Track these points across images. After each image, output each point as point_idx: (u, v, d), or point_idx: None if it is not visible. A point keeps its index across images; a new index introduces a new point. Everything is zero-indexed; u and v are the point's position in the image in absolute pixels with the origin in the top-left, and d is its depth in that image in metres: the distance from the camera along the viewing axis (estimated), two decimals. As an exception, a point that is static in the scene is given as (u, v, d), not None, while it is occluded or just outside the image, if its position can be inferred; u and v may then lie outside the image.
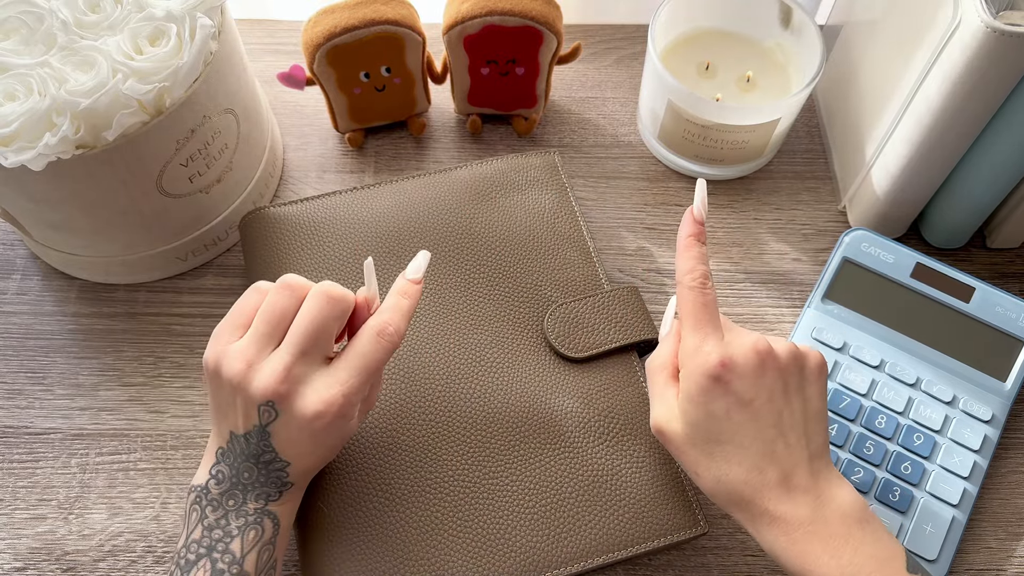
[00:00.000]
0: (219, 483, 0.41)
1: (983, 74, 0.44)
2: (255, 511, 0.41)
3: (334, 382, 0.40)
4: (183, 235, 0.54)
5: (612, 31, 0.69)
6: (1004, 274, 0.58)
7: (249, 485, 0.41)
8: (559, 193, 0.56)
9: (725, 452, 0.40)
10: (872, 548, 0.39)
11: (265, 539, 0.41)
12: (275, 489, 0.41)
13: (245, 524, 0.40)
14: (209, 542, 0.40)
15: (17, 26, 0.46)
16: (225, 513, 0.40)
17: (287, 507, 0.42)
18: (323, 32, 0.54)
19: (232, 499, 0.41)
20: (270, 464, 0.41)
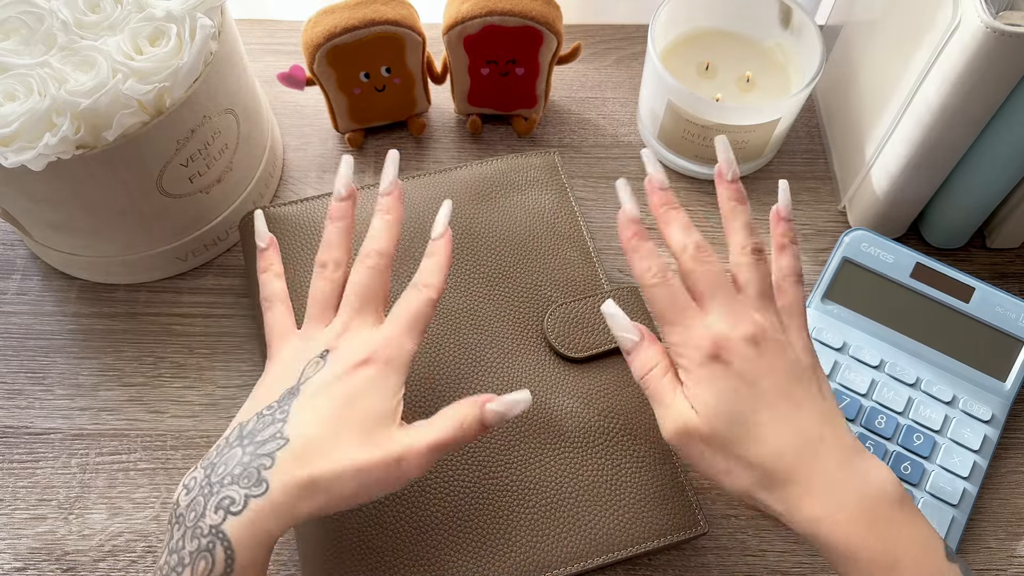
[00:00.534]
0: (188, 492, 0.37)
1: (983, 74, 0.44)
2: (209, 531, 0.35)
3: (378, 332, 0.41)
4: (183, 235, 0.54)
5: (612, 31, 0.69)
6: (1004, 274, 0.58)
7: (216, 484, 0.36)
8: (559, 193, 0.56)
9: (752, 431, 0.38)
10: (912, 530, 0.37)
11: (216, 573, 0.35)
12: (244, 488, 0.36)
13: (197, 550, 0.35)
14: (167, 569, 0.35)
15: (17, 26, 0.46)
16: (184, 532, 0.36)
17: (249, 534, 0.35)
18: (323, 32, 0.54)
19: (193, 510, 0.36)
20: (262, 444, 0.37)
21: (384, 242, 0.43)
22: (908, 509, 0.38)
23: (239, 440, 0.38)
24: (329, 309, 0.43)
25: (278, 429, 0.38)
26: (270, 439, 0.37)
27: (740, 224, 0.43)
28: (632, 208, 0.43)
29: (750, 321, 0.40)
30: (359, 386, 0.39)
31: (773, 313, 0.41)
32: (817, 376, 0.41)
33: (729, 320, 0.40)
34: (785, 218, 0.44)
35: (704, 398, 0.39)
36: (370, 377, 0.39)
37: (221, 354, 0.54)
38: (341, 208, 0.44)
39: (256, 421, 0.39)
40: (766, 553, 0.49)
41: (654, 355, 0.41)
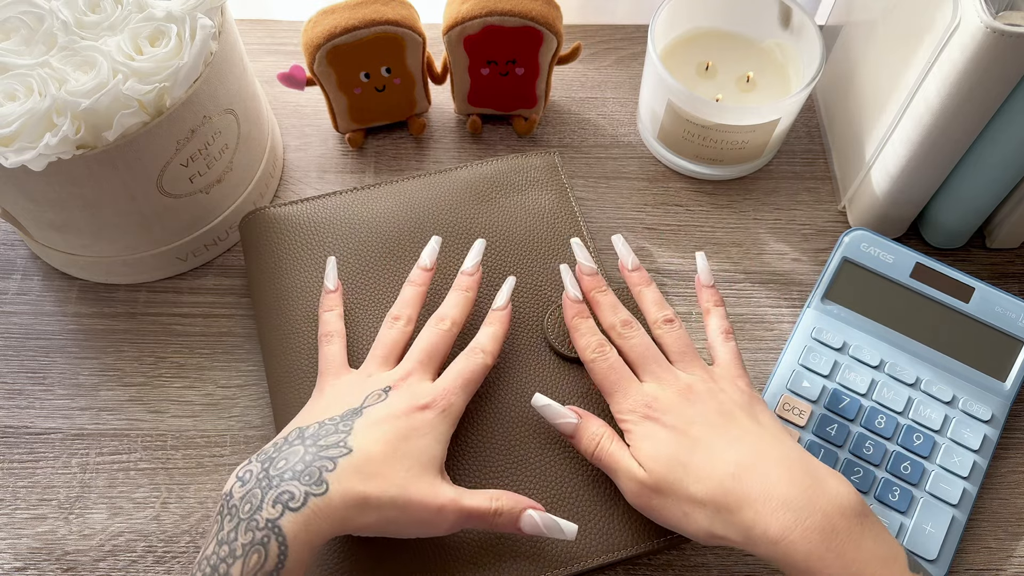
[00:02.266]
0: (243, 484, 0.38)
1: (983, 74, 0.44)
2: (265, 524, 0.36)
3: (438, 384, 0.44)
4: (183, 235, 0.54)
5: (612, 31, 0.69)
6: (1004, 274, 0.58)
7: (276, 478, 0.37)
8: (559, 193, 0.56)
9: (693, 470, 0.40)
10: (873, 544, 0.37)
11: (267, 569, 0.35)
12: (304, 486, 0.37)
13: (251, 543, 0.36)
14: (216, 560, 0.36)
15: (17, 26, 0.46)
16: (237, 524, 0.36)
17: (304, 533, 0.36)
18: (323, 32, 0.54)
19: (249, 502, 0.36)
20: (326, 448, 0.38)
21: (458, 313, 0.47)
22: (869, 522, 0.38)
23: (300, 439, 0.40)
24: (393, 357, 0.46)
25: (342, 439, 0.40)
26: (333, 445, 0.39)
27: (650, 301, 0.48)
28: (574, 291, 0.48)
29: (675, 380, 0.44)
30: (417, 426, 0.41)
31: (698, 367, 0.45)
32: (754, 409, 0.43)
33: (659, 382, 0.44)
34: (707, 285, 0.49)
35: (645, 452, 0.42)
36: (428, 420, 0.42)
37: (221, 354, 0.54)
38: (423, 277, 0.49)
39: (318, 427, 0.41)
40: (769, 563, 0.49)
41: (597, 428, 0.44)
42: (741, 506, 0.39)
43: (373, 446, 0.40)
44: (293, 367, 0.49)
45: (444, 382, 0.44)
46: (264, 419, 0.52)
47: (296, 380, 0.49)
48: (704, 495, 0.40)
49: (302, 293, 0.51)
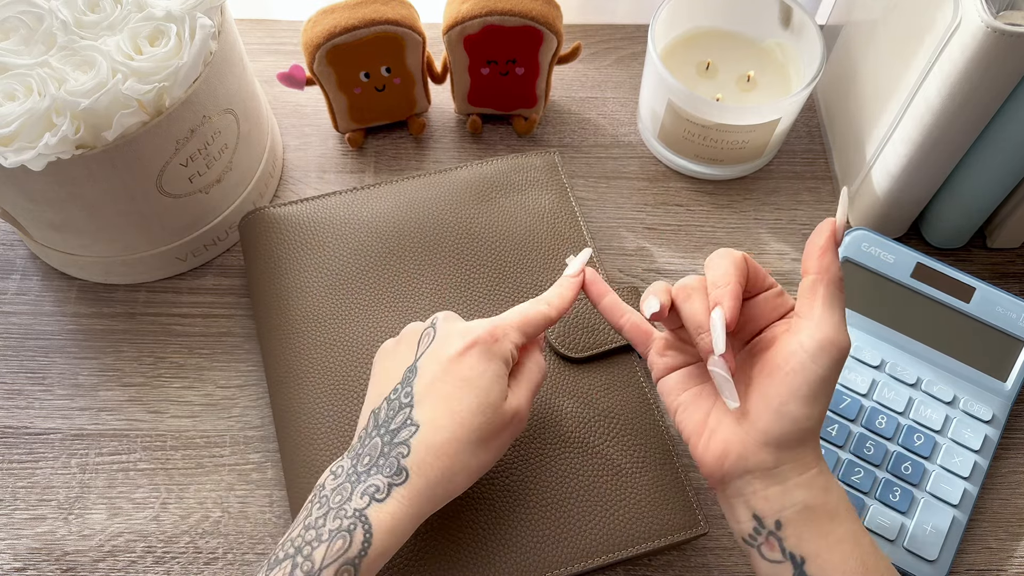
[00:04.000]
0: (336, 477, 0.39)
1: (983, 74, 0.44)
2: (353, 513, 0.37)
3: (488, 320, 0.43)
4: (183, 235, 0.54)
5: (612, 31, 0.69)
6: (1004, 274, 0.58)
7: (364, 473, 0.38)
8: (559, 193, 0.56)
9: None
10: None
11: (350, 555, 0.36)
12: (387, 478, 0.38)
13: (338, 529, 0.37)
14: (301, 542, 0.37)
15: (17, 26, 0.46)
16: (327, 512, 0.37)
17: (390, 520, 0.37)
18: (323, 32, 0.54)
19: (340, 494, 0.38)
20: (397, 432, 0.39)
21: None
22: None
23: (376, 429, 0.40)
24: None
25: (407, 415, 0.40)
26: (402, 426, 0.39)
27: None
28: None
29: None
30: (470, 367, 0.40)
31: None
32: None
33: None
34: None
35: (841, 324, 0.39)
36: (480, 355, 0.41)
37: (221, 354, 0.54)
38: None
39: (386, 408, 0.41)
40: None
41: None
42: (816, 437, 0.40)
43: (436, 411, 0.39)
44: (293, 367, 0.49)
45: (498, 318, 0.43)
46: (264, 419, 0.52)
47: (296, 380, 0.49)
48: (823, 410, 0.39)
49: (302, 293, 0.51)
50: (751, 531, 0.39)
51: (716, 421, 0.41)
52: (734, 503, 0.40)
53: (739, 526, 0.40)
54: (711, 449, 0.40)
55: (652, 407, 0.49)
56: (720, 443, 0.40)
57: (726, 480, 0.40)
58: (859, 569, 0.37)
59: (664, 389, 0.44)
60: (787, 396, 0.38)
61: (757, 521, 0.39)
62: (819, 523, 0.38)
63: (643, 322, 0.46)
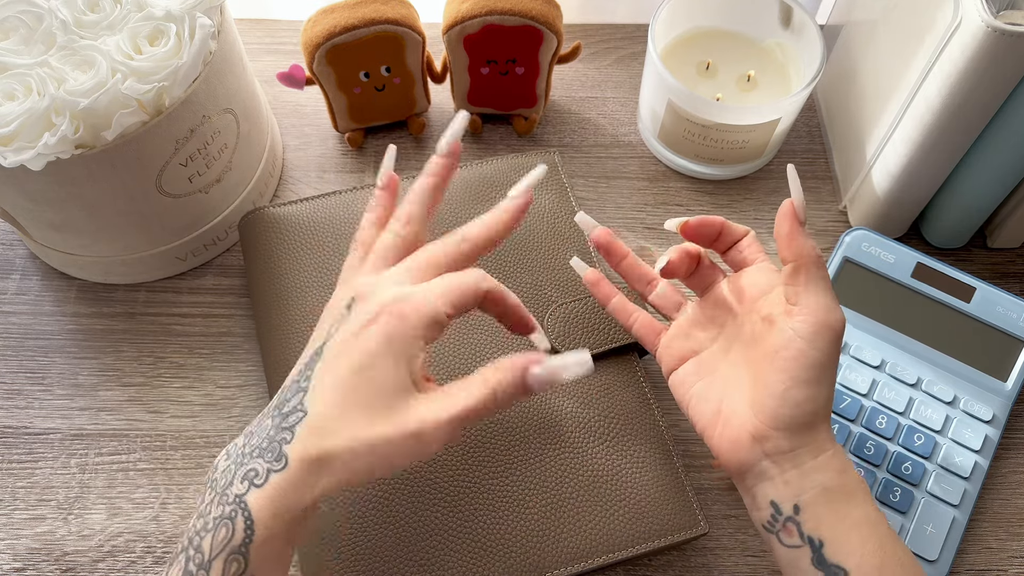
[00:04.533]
0: (227, 458, 0.37)
1: (983, 74, 0.44)
2: (234, 499, 0.35)
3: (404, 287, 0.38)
4: (183, 235, 0.54)
5: (612, 31, 0.69)
6: (1005, 274, 0.58)
7: (248, 454, 0.36)
8: (559, 193, 0.56)
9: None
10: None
11: (235, 544, 0.34)
12: (266, 461, 0.35)
13: (221, 516, 0.35)
14: (192, 532, 0.35)
15: (16, 26, 0.45)
16: (214, 497, 0.36)
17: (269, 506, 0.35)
18: (323, 32, 0.54)
19: (225, 477, 0.36)
20: (287, 416, 0.36)
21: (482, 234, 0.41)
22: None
23: (274, 409, 0.38)
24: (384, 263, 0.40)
25: (300, 400, 0.37)
26: (293, 411, 0.37)
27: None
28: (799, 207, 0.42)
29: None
30: (372, 348, 0.36)
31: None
32: None
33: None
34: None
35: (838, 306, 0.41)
36: (380, 336, 0.36)
37: (221, 354, 0.54)
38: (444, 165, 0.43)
39: (288, 389, 0.38)
40: (767, 553, 0.49)
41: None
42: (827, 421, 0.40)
43: (327, 399, 0.36)
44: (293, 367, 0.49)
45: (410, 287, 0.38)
46: (263, 419, 0.52)
47: (295, 380, 0.49)
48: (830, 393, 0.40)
49: (302, 293, 0.51)
50: (769, 518, 0.39)
51: (729, 411, 0.41)
52: (754, 491, 0.40)
53: (758, 513, 0.40)
54: (726, 437, 0.41)
55: (652, 407, 0.49)
56: (734, 431, 0.40)
57: (744, 468, 0.40)
58: (877, 551, 0.37)
59: (675, 382, 0.45)
60: (790, 382, 0.39)
61: (775, 507, 0.39)
62: (836, 505, 0.38)
63: (652, 320, 0.47)
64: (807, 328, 0.39)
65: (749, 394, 0.41)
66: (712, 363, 0.44)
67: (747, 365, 0.42)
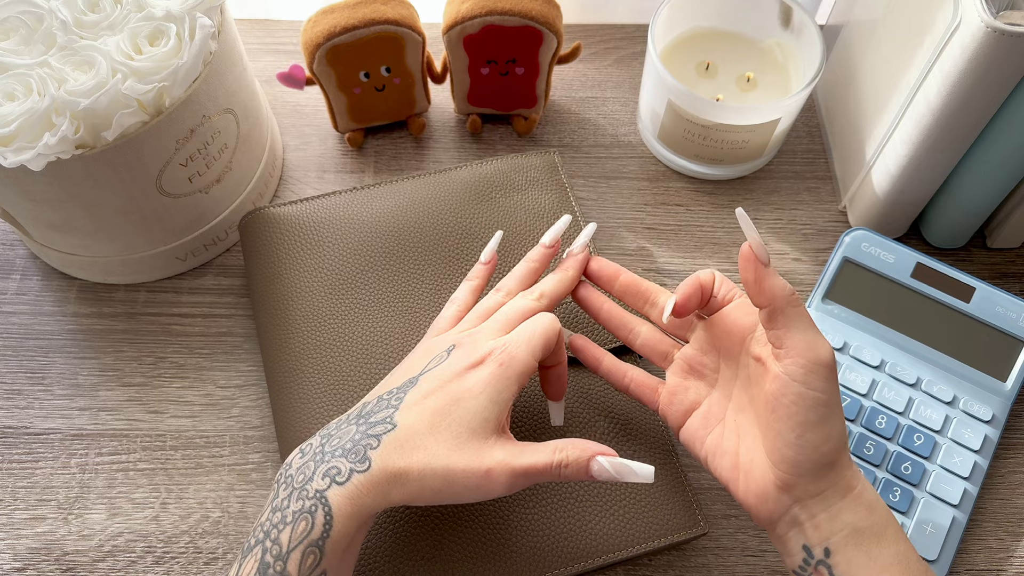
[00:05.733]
0: (302, 456, 0.39)
1: (983, 74, 0.44)
2: (314, 494, 0.37)
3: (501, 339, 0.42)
4: (183, 235, 0.54)
5: (612, 31, 0.69)
6: (1004, 274, 0.58)
7: (329, 453, 0.38)
8: (559, 193, 0.56)
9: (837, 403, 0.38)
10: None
11: (313, 537, 0.36)
12: (350, 462, 0.37)
13: (300, 510, 0.36)
14: (268, 526, 0.37)
15: (17, 26, 0.46)
16: (291, 492, 0.37)
17: (349, 505, 0.37)
18: (323, 32, 0.54)
19: (303, 473, 0.38)
20: (374, 425, 0.39)
21: (551, 289, 0.45)
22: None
23: (357, 418, 0.40)
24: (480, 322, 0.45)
25: (390, 415, 0.39)
26: (381, 422, 0.39)
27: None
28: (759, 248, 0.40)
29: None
30: (469, 387, 0.40)
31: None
32: None
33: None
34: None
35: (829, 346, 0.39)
36: (482, 379, 0.40)
37: (221, 354, 0.54)
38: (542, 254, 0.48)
39: (376, 403, 0.41)
40: (766, 553, 0.49)
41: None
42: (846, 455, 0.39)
43: (417, 419, 0.39)
44: (293, 367, 0.49)
45: (507, 336, 0.42)
46: (264, 419, 0.52)
47: (296, 380, 0.49)
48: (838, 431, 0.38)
49: (302, 293, 0.51)
50: (801, 562, 0.39)
51: (748, 462, 0.40)
52: (785, 538, 0.39)
53: (790, 559, 0.40)
54: (751, 491, 0.40)
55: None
56: (759, 484, 0.39)
57: (774, 519, 0.39)
58: None
59: (686, 439, 0.43)
60: (800, 428, 0.38)
61: (806, 551, 0.38)
62: (867, 546, 0.37)
63: (648, 377, 0.46)
64: (799, 370, 0.37)
65: (762, 442, 0.40)
66: (717, 412, 0.43)
67: (752, 408, 0.41)
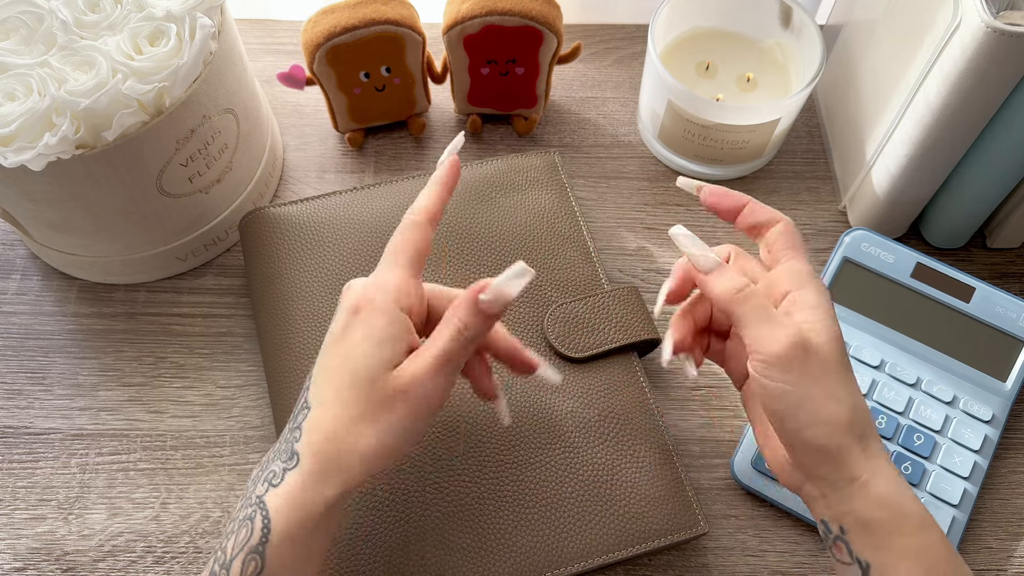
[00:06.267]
0: (258, 466, 0.38)
1: (983, 74, 0.44)
2: (255, 500, 0.36)
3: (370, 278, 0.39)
4: (183, 235, 0.54)
5: (612, 31, 0.69)
6: (1004, 274, 0.58)
7: (271, 459, 0.37)
8: (559, 193, 0.56)
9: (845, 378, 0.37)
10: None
11: (252, 543, 0.35)
12: (282, 461, 0.36)
13: (243, 518, 0.36)
14: (222, 537, 0.37)
15: (17, 26, 0.46)
16: (242, 503, 0.37)
17: (285, 504, 0.35)
18: (323, 32, 0.54)
19: (254, 483, 0.37)
20: (295, 416, 0.38)
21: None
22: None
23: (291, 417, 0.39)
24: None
25: (305, 397, 0.38)
26: (300, 409, 0.38)
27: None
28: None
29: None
30: (353, 338, 0.38)
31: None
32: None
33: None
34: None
35: (826, 322, 0.38)
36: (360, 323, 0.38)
37: (221, 354, 0.54)
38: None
39: (303, 389, 0.39)
40: (766, 553, 0.49)
41: (738, 277, 0.39)
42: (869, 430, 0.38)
43: (323, 391, 0.37)
44: (293, 367, 0.49)
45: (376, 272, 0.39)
46: (264, 419, 0.52)
47: (296, 380, 0.49)
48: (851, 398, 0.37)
49: (302, 293, 0.51)
50: (824, 531, 0.39)
51: (763, 438, 0.42)
52: (809, 506, 0.40)
53: (819, 525, 0.40)
54: (774, 462, 0.41)
55: (652, 407, 0.49)
56: (777, 456, 0.41)
57: (795, 489, 0.40)
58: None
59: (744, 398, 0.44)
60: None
61: (824, 526, 0.39)
62: (879, 535, 0.37)
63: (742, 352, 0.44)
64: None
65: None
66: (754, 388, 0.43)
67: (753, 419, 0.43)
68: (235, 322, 0.56)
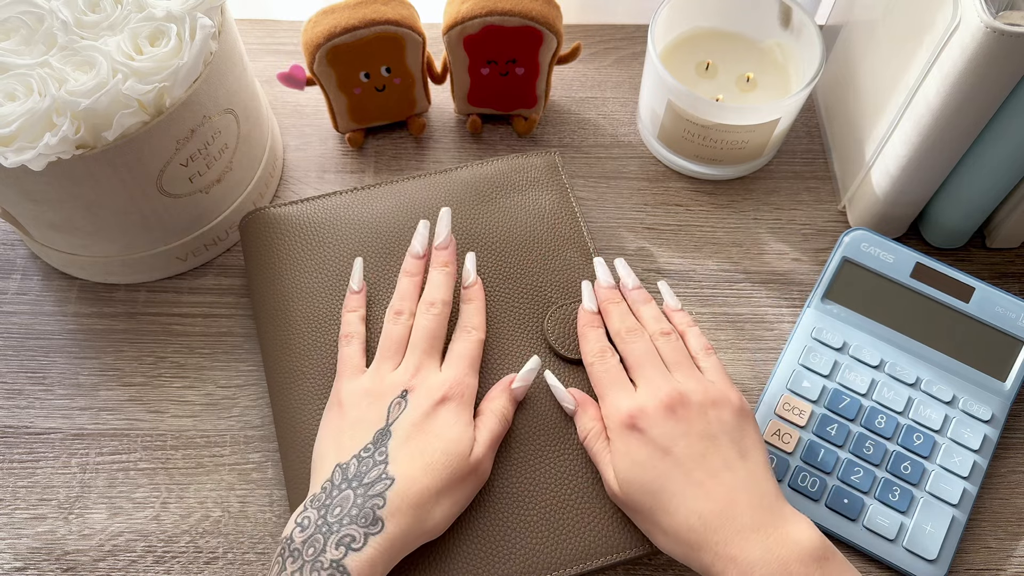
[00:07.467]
0: (303, 530, 0.40)
1: (983, 74, 0.44)
2: (330, 564, 0.38)
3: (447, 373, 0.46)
4: (183, 235, 0.54)
5: (612, 31, 0.69)
6: (1004, 274, 0.58)
7: (335, 524, 0.40)
8: (559, 193, 0.56)
9: (661, 502, 0.41)
10: None
11: None
12: (362, 528, 0.39)
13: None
14: None
15: (17, 26, 0.46)
16: (301, 566, 0.39)
17: (368, 568, 0.39)
18: (323, 32, 0.54)
19: (312, 546, 0.39)
20: (371, 486, 0.41)
21: (444, 293, 0.48)
22: (831, 565, 0.39)
23: (346, 482, 0.41)
24: (400, 351, 0.47)
25: (382, 471, 0.42)
26: (377, 480, 0.41)
27: (649, 317, 0.48)
28: (590, 304, 0.49)
29: (667, 384, 0.44)
30: (443, 421, 0.44)
31: (693, 375, 0.45)
32: (742, 434, 0.43)
33: (650, 391, 0.44)
34: (675, 310, 0.49)
35: (620, 467, 0.43)
36: (451, 412, 0.44)
37: (221, 354, 0.54)
38: (417, 265, 0.50)
39: (358, 464, 0.42)
40: None
41: (589, 422, 0.46)
42: (702, 547, 0.40)
43: (411, 467, 0.42)
44: (293, 367, 0.49)
45: (453, 370, 0.46)
46: (264, 419, 0.52)
47: (296, 380, 0.49)
48: (670, 529, 0.41)
49: (302, 293, 0.51)
50: None
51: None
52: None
53: None
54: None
55: None
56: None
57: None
58: None
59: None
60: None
61: None
62: None
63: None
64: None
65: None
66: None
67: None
68: (235, 322, 0.56)
